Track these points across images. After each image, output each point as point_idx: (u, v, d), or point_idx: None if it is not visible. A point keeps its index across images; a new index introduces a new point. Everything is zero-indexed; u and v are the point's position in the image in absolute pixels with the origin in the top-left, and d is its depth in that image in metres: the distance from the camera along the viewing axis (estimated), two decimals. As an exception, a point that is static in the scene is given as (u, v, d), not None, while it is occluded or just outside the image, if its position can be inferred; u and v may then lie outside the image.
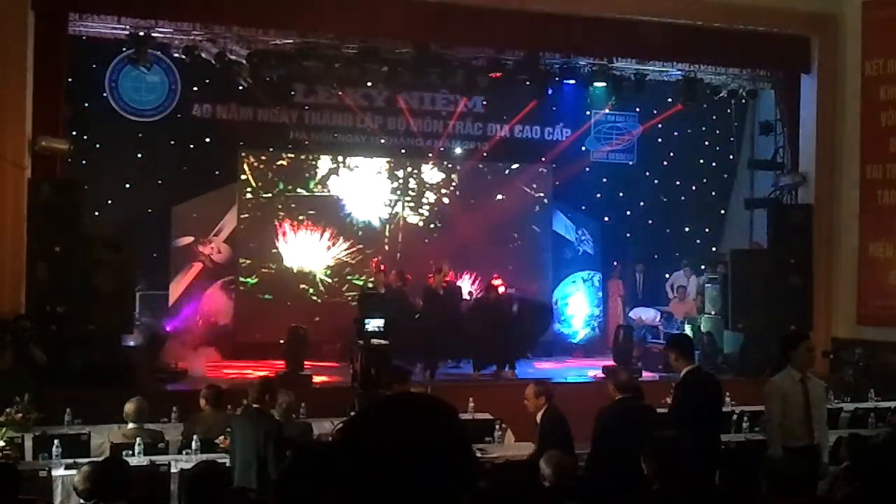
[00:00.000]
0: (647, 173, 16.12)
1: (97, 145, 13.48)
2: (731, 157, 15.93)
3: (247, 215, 14.81)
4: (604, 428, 6.45)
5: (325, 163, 15.18)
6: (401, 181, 15.54)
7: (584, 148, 16.01)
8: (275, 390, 7.08)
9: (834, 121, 13.33)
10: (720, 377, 11.53)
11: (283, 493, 2.74)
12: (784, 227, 13.24)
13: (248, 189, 14.83)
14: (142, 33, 11.68)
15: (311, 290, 14.95)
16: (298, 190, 15.05)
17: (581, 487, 5.93)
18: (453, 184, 15.76)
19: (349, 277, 15.12)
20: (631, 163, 16.24)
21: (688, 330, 13.95)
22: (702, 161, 16.23)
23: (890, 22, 12.94)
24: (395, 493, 1.59)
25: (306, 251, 14.96)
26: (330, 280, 15.06)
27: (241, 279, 14.76)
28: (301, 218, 14.97)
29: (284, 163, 15.11)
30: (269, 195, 14.90)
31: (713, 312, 13.95)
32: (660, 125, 15.73)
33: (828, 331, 12.91)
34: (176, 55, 12.47)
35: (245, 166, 14.83)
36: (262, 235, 14.82)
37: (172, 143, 14.04)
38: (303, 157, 15.18)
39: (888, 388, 10.35)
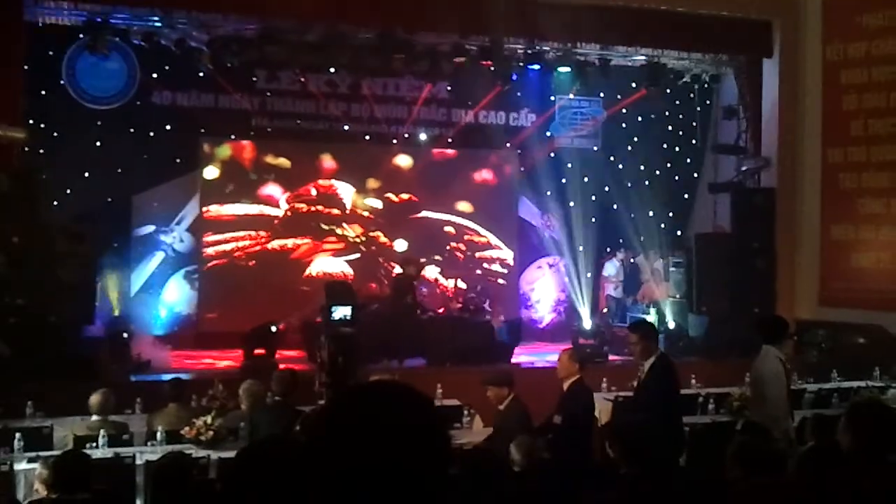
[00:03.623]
0: (612, 158, 16.12)
1: (55, 134, 13.22)
2: (695, 141, 15.98)
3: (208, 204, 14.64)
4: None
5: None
6: (365, 168, 15.44)
7: (548, 133, 15.98)
8: (297, 383, 7.48)
9: (796, 105, 13.46)
10: (686, 360, 11.72)
11: (241, 480, 2.65)
12: (747, 211, 13.34)
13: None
14: (99, 19, 11.49)
15: (275, 280, 14.81)
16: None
17: (550, 471, 5.94)
18: (418, 170, 15.68)
19: (312, 267, 15.02)
20: (595, 148, 16.24)
21: (652, 313, 14.04)
22: (665, 146, 16.24)
23: (850, 6, 13.07)
24: (371, 481, 1.56)
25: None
26: (294, 270, 14.93)
27: (204, 269, 14.60)
28: (264, 206, 14.83)
29: (247, 150, 14.93)
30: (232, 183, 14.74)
31: (677, 296, 14.03)
32: (624, 110, 15.73)
33: (791, 313, 13.00)
34: (135, 41, 12.27)
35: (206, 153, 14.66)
36: (224, 224, 14.66)
37: (132, 130, 13.80)
38: (265, 144, 15.03)
39: (851, 368, 10.49)
